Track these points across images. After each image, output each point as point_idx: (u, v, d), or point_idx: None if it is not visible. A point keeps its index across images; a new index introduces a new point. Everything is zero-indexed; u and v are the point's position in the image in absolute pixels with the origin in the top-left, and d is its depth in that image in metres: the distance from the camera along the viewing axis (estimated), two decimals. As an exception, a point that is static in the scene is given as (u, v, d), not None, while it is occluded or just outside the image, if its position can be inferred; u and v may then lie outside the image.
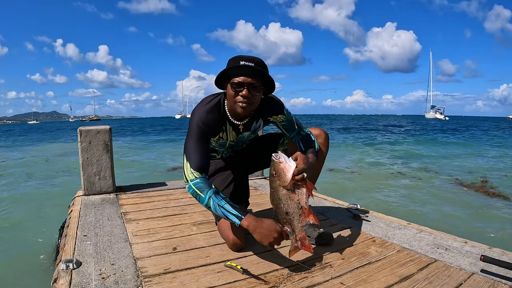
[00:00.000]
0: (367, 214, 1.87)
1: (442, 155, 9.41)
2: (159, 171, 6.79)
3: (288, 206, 1.18)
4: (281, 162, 1.16)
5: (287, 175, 1.15)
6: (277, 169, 1.16)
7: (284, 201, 1.18)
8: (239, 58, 1.23)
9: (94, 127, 2.26)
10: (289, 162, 1.16)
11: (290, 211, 1.18)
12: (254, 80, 1.23)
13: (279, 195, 1.18)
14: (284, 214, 1.19)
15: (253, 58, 1.24)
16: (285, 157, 1.17)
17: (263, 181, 2.85)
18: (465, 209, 3.88)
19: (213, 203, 1.19)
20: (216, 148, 1.49)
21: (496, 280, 1.10)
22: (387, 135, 18.28)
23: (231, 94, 1.25)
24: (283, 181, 1.16)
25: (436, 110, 63.45)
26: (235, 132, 1.42)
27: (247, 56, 1.24)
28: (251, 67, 1.21)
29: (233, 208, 1.19)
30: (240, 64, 1.21)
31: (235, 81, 1.22)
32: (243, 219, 1.17)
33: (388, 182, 5.53)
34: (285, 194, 1.18)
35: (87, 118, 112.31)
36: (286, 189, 1.17)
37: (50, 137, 20.66)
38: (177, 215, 1.87)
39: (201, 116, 1.28)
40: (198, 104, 1.34)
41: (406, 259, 1.29)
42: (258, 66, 1.23)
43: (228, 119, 1.36)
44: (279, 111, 1.40)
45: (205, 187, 1.21)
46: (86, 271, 1.14)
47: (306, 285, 1.09)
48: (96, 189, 2.26)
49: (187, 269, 1.19)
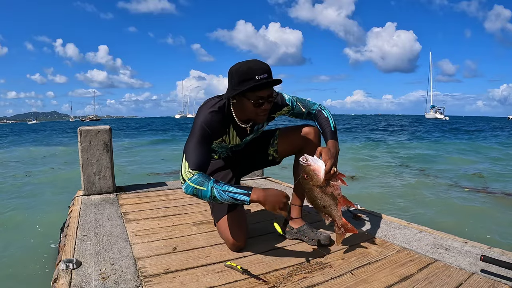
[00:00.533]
0: (367, 214, 1.87)
1: (443, 155, 9.41)
2: (159, 171, 6.79)
3: (324, 200, 1.25)
4: (310, 164, 1.20)
5: (319, 176, 1.20)
6: (308, 172, 1.21)
7: (319, 197, 1.25)
8: (252, 72, 1.20)
9: (94, 127, 2.26)
10: (318, 162, 1.21)
11: (327, 204, 1.26)
12: (271, 91, 1.27)
13: (315, 194, 1.24)
14: (322, 208, 1.27)
15: (264, 68, 1.22)
16: (311, 158, 1.22)
17: (263, 181, 2.85)
18: (465, 209, 3.88)
19: (217, 191, 1.17)
20: (216, 149, 1.49)
21: (496, 280, 1.10)
22: (389, 135, 18.28)
23: (249, 106, 1.25)
24: (316, 181, 1.21)
25: (436, 110, 63.32)
26: (240, 136, 1.41)
27: (258, 68, 1.21)
28: (269, 82, 1.22)
29: (237, 188, 1.18)
30: (258, 81, 1.20)
31: (258, 100, 1.23)
32: (250, 194, 1.17)
33: (388, 182, 5.53)
34: (319, 191, 1.24)
35: (87, 118, 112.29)
36: (320, 187, 1.23)
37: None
38: (177, 215, 1.87)
39: (206, 118, 1.27)
40: (203, 106, 1.32)
41: (406, 259, 1.29)
42: (270, 74, 1.23)
43: (233, 123, 1.35)
44: (283, 105, 1.42)
45: (205, 180, 1.19)
46: (86, 271, 1.14)
47: (306, 285, 1.09)
48: (96, 189, 2.26)
49: (187, 269, 1.19)
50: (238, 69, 1.23)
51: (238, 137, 1.41)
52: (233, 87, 1.23)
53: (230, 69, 1.26)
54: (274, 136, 1.53)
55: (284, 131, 1.53)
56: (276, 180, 2.87)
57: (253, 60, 1.25)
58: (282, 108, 1.42)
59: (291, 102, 1.44)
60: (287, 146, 1.51)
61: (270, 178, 2.95)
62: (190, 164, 1.21)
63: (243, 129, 1.39)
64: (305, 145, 1.46)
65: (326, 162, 1.21)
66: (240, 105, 1.28)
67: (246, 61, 1.25)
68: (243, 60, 1.27)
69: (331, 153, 1.27)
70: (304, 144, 1.46)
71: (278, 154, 1.54)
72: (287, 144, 1.50)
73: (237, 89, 1.22)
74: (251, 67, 1.22)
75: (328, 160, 1.21)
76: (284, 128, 1.55)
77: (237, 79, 1.22)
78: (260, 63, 1.23)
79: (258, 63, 1.24)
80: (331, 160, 1.22)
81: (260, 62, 1.24)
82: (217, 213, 1.43)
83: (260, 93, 1.23)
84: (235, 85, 1.23)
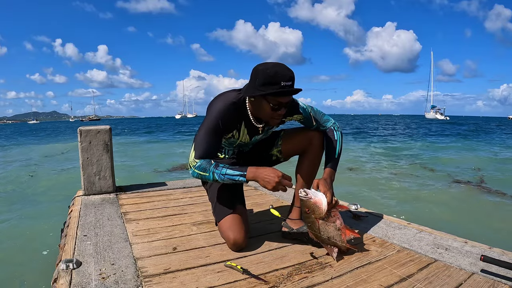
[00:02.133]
0: (367, 214, 1.87)
1: (444, 155, 9.41)
2: (159, 171, 6.79)
3: (328, 231, 1.27)
4: (310, 198, 1.23)
5: (321, 208, 1.23)
6: (309, 206, 1.24)
7: (323, 229, 1.27)
8: (279, 77, 1.20)
9: (94, 127, 2.26)
10: (318, 195, 1.24)
11: (331, 235, 1.27)
12: (291, 98, 1.29)
13: (318, 227, 1.26)
14: (326, 239, 1.27)
15: (290, 75, 1.22)
16: (311, 191, 1.24)
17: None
18: (466, 209, 3.88)
19: (217, 175, 1.26)
20: (224, 146, 1.50)
21: (496, 280, 1.10)
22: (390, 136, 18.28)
23: (267, 109, 1.26)
24: (319, 214, 1.24)
25: (437, 110, 62.99)
26: (250, 134, 1.42)
27: (285, 74, 1.22)
28: (292, 91, 1.23)
29: (234, 170, 1.26)
30: (283, 88, 1.21)
31: (277, 104, 1.25)
32: (246, 174, 1.25)
33: (388, 182, 5.53)
34: (322, 223, 1.26)
35: (87, 118, 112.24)
36: (322, 219, 1.25)
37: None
38: (177, 215, 1.87)
39: (220, 110, 1.29)
40: (221, 96, 1.34)
41: (406, 259, 1.29)
42: (293, 82, 1.24)
43: (246, 120, 1.37)
44: (294, 112, 1.42)
45: (206, 166, 1.27)
46: (86, 271, 1.14)
47: (306, 285, 1.09)
48: (96, 189, 2.26)
49: (187, 269, 1.19)
50: (265, 71, 1.22)
51: (248, 135, 1.42)
52: (256, 86, 1.24)
53: (257, 68, 1.26)
54: (279, 136, 1.55)
55: (288, 132, 1.54)
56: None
57: (280, 65, 1.25)
58: (293, 115, 1.43)
59: (304, 112, 1.43)
60: (291, 147, 1.52)
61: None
62: (196, 153, 1.28)
63: (255, 128, 1.40)
64: (308, 148, 1.47)
65: (326, 193, 1.25)
66: (258, 105, 1.29)
67: (274, 64, 1.25)
68: (269, 61, 1.29)
69: (328, 183, 1.31)
70: (308, 146, 1.47)
71: (282, 154, 1.55)
72: (291, 145, 1.51)
73: (260, 90, 1.22)
74: (278, 72, 1.21)
75: (327, 192, 1.26)
76: (289, 129, 1.56)
77: (262, 80, 1.22)
78: (287, 70, 1.23)
79: (285, 69, 1.23)
80: (330, 191, 1.27)
81: (287, 69, 1.24)
82: (218, 213, 1.43)
83: (281, 99, 1.24)
84: (258, 85, 1.23)
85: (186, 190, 2.52)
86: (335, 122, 1.49)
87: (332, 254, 1.28)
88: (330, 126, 1.47)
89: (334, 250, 1.28)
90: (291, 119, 1.45)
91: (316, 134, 1.47)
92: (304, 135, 1.48)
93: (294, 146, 1.51)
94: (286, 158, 1.57)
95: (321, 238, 1.28)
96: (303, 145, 1.48)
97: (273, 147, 1.55)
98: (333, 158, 1.42)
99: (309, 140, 1.47)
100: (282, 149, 1.53)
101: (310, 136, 1.47)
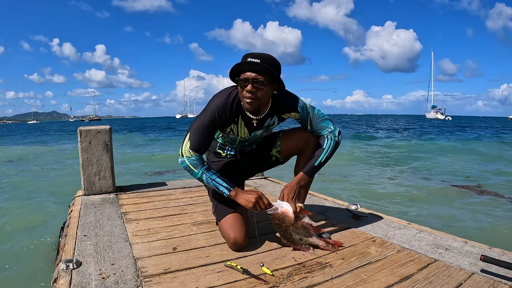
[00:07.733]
0: (367, 214, 1.87)
1: (444, 155, 9.40)
2: (159, 170, 6.79)
3: (299, 233, 1.36)
4: (276, 209, 1.32)
5: (289, 216, 1.32)
6: (278, 217, 1.33)
7: (294, 234, 1.36)
8: (247, 55, 1.27)
9: (94, 127, 2.26)
10: (283, 205, 1.33)
11: (303, 237, 1.37)
12: (259, 76, 1.25)
13: (290, 233, 1.36)
14: (299, 241, 1.37)
15: (261, 54, 1.27)
16: (276, 203, 1.34)
17: (263, 181, 2.85)
18: (466, 209, 3.87)
19: (206, 176, 1.33)
20: (226, 144, 1.50)
21: (496, 280, 1.10)
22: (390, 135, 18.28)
23: (240, 89, 1.29)
24: (288, 222, 1.34)
25: (437, 110, 62.78)
26: (248, 128, 1.42)
27: (256, 53, 1.27)
28: (255, 63, 1.23)
29: (223, 181, 1.33)
30: (245, 61, 1.24)
31: (241, 78, 1.27)
32: (231, 190, 1.32)
33: (389, 182, 5.53)
34: (293, 228, 1.36)
35: (88, 118, 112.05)
36: (292, 225, 1.35)
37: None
38: (177, 215, 1.87)
39: (218, 104, 1.32)
40: (218, 93, 1.38)
41: (406, 259, 1.29)
42: (265, 62, 1.24)
43: (242, 113, 1.37)
44: (292, 109, 1.40)
45: (199, 164, 1.33)
46: (86, 271, 1.14)
47: (306, 285, 1.09)
48: (96, 189, 2.26)
49: (187, 269, 1.19)
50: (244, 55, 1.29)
51: (246, 129, 1.42)
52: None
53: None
54: (278, 137, 1.55)
55: (287, 133, 1.55)
56: (276, 180, 2.87)
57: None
58: (290, 111, 1.41)
59: (302, 110, 1.40)
60: (290, 147, 1.53)
61: (270, 178, 2.95)
62: (191, 144, 1.31)
63: (251, 120, 1.39)
64: (305, 148, 1.48)
65: (289, 201, 1.35)
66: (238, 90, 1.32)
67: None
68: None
69: (294, 190, 1.37)
70: (305, 146, 1.48)
71: (281, 155, 1.56)
72: (289, 146, 1.52)
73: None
74: (252, 52, 1.28)
75: (290, 200, 1.35)
76: (288, 130, 1.57)
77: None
78: (262, 53, 1.28)
79: (261, 52, 1.29)
80: (292, 198, 1.35)
81: (264, 53, 1.29)
82: (219, 212, 1.44)
83: (244, 75, 1.26)
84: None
85: (186, 190, 2.52)
86: (333, 131, 1.43)
87: (308, 252, 1.34)
88: (324, 134, 1.44)
89: (310, 249, 1.35)
90: (289, 116, 1.44)
91: (313, 134, 1.48)
92: (300, 135, 1.49)
93: (292, 146, 1.52)
94: (285, 158, 1.58)
95: (294, 242, 1.36)
96: (300, 145, 1.49)
97: (273, 148, 1.56)
98: (312, 165, 1.41)
99: (305, 141, 1.48)
100: (281, 149, 1.54)
101: (307, 137, 1.47)
